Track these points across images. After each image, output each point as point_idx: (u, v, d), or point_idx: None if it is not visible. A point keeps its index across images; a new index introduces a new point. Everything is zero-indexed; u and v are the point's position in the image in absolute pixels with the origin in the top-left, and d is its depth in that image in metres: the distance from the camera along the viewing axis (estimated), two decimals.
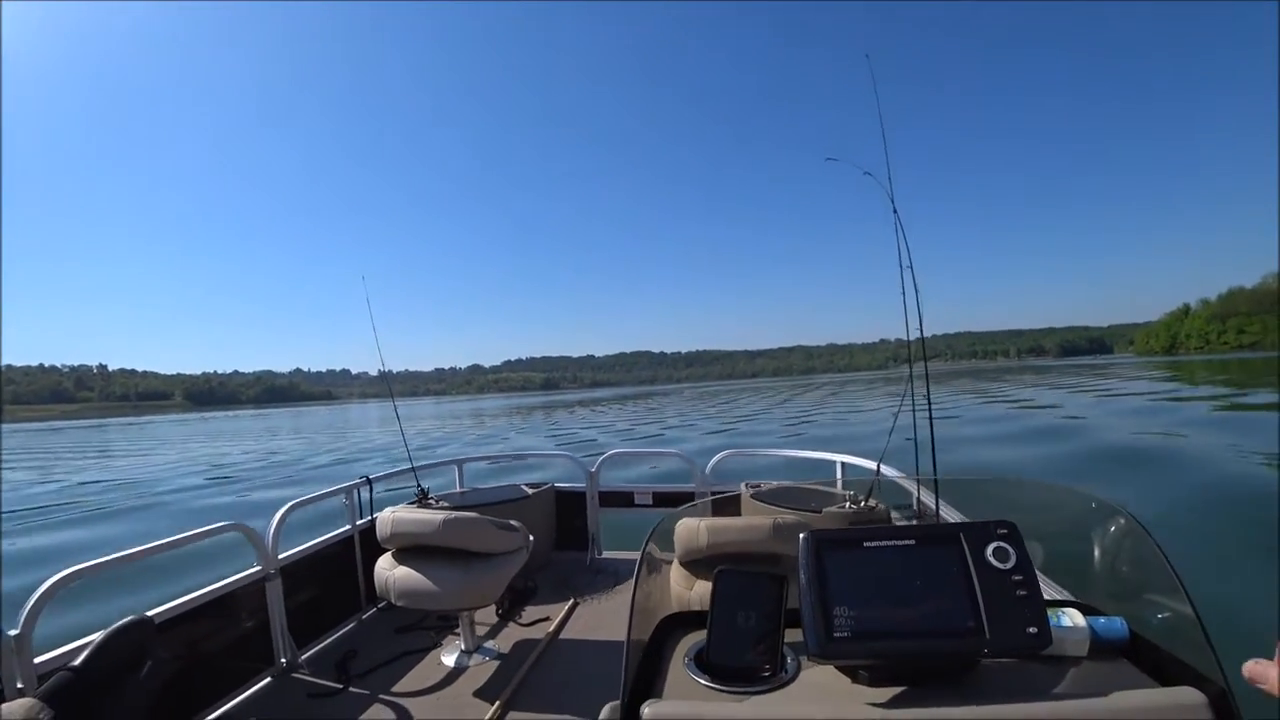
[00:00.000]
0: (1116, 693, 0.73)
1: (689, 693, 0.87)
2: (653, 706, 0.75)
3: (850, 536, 0.85)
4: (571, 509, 4.12)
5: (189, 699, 2.25)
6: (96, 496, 13.76)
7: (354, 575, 3.23)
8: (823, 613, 0.79)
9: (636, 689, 0.87)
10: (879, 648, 0.79)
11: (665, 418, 29.76)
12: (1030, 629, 0.77)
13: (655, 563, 1.44)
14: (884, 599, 0.80)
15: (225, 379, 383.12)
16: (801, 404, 34.83)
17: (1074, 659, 0.89)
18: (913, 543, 0.83)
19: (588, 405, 54.55)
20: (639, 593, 0.97)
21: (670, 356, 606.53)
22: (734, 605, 0.95)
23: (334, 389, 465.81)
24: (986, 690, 0.80)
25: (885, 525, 1.09)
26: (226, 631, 2.44)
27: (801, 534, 0.86)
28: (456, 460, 4.25)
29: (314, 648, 2.85)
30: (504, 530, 2.65)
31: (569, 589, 3.50)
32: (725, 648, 0.92)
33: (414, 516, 2.58)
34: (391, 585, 2.54)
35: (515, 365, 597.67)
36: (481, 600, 2.64)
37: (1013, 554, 0.82)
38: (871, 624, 0.79)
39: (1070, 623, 0.91)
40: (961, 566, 0.81)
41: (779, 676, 0.88)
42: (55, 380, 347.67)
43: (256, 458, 21.45)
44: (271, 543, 2.63)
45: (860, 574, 0.82)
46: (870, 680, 0.83)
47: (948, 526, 0.85)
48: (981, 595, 0.79)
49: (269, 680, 2.56)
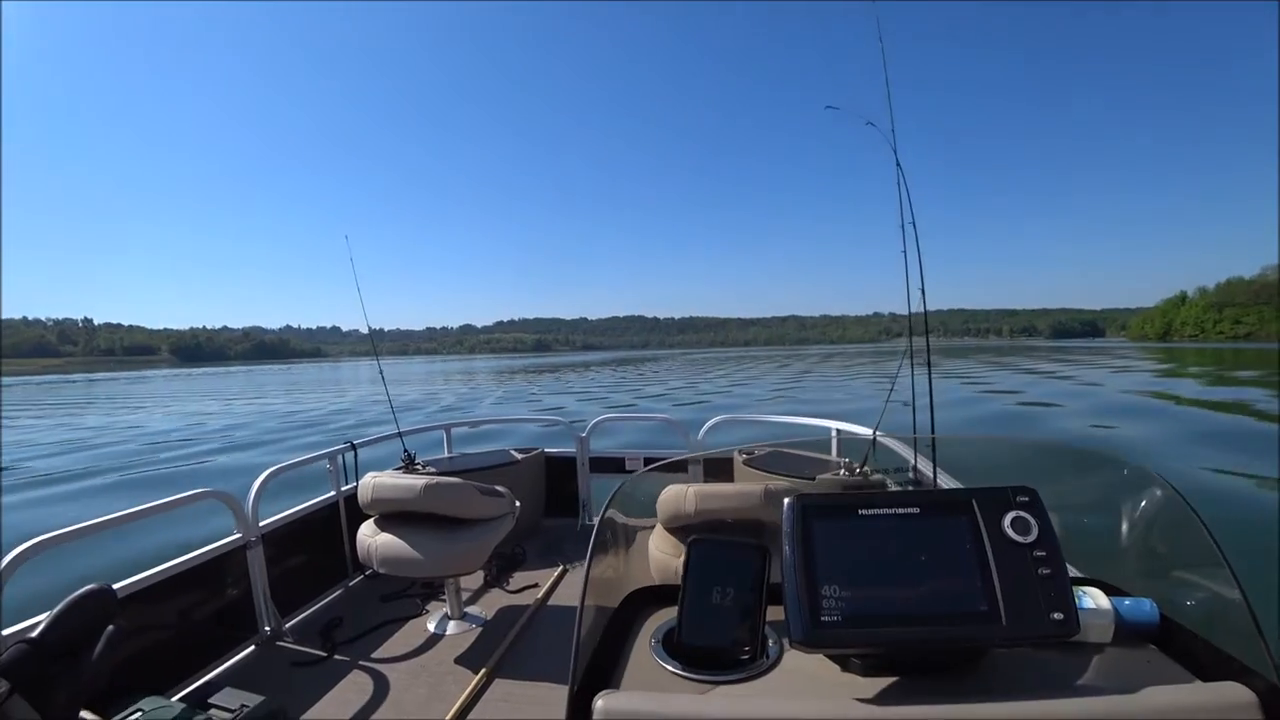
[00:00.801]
0: (1150, 687, 0.62)
1: (653, 680, 0.77)
2: (606, 698, 0.64)
3: (843, 503, 0.73)
4: (562, 475, 4.07)
5: (171, 667, 2.21)
6: (48, 460, 12.57)
7: (339, 542, 3.18)
8: (808, 593, 0.67)
9: (596, 672, 0.78)
10: (874, 635, 0.67)
11: (665, 387, 29.29)
12: (1055, 614, 0.65)
13: (630, 530, 1.33)
14: (881, 577, 0.69)
15: (213, 334, 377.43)
16: (796, 373, 34.69)
17: (1096, 646, 0.79)
18: (916, 511, 0.71)
19: (577, 370, 53.96)
20: (600, 563, 0.85)
21: (663, 322, 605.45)
22: (709, 579, 0.85)
23: (324, 346, 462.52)
24: (996, 682, 0.71)
25: (884, 491, 0.94)
26: (208, 600, 2.39)
27: (785, 499, 0.74)
28: (444, 425, 4.17)
29: (298, 616, 2.82)
30: (489, 495, 2.59)
31: (558, 556, 3.48)
32: (698, 628, 0.82)
33: (396, 481, 2.52)
34: (374, 552, 2.49)
35: (508, 326, 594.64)
36: (466, 567, 2.59)
37: (1034, 525, 0.70)
38: (866, 607, 0.67)
39: (1093, 604, 0.80)
40: (974, 540, 0.70)
41: (758, 662, 0.79)
42: (38, 334, 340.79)
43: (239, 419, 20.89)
44: (251, 510, 2.57)
45: (854, 547, 0.70)
46: (863, 669, 0.73)
47: (958, 492, 0.74)
48: (997, 574, 0.67)
49: (252, 649, 2.53)
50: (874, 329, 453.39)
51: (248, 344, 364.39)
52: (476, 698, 2.16)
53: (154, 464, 11.86)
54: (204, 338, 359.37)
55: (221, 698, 1.89)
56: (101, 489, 9.65)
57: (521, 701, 2.15)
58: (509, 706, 2.12)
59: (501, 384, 34.05)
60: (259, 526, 2.61)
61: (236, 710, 1.84)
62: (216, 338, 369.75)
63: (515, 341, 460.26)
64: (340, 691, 2.23)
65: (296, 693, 2.21)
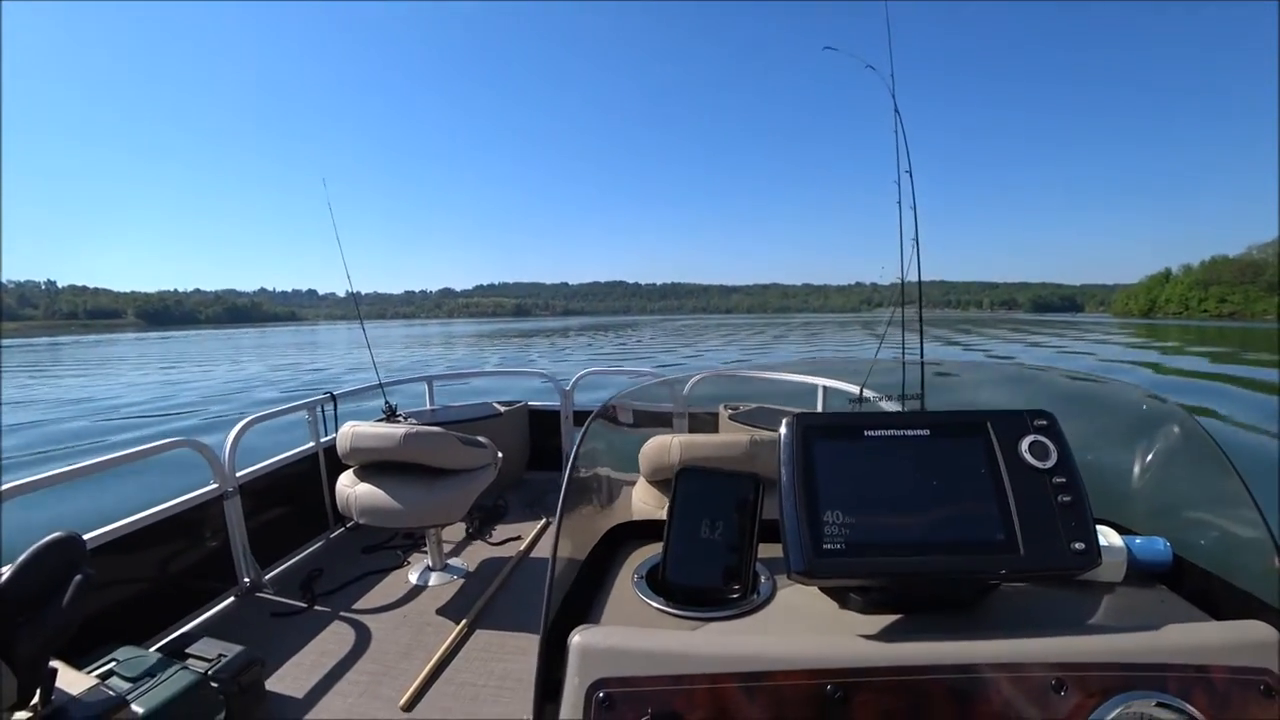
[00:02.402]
0: (1168, 625, 0.58)
1: (636, 617, 0.73)
2: (583, 633, 0.59)
3: (847, 423, 0.66)
4: (546, 428, 4.06)
5: (147, 618, 2.18)
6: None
7: (319, 494, 3.14)
8: (809, 520, 0.61)
9: (573, 613, 0.73)
10: (881, 565, 0.60)
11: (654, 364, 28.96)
12: (1076, 544, 0.60)
13: (613, 483, 1.28)
14: (889, 503, 0.63)
15: (183, 297, 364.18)
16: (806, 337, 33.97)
17: (1107, 585, 0.76)
18: (927, 433, 0.65)
19: (552, 335, 52.22)
20: (580, 514, 0.81)
21: (645, 288, 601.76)
22: (698, 511, 0.79)
23: (299, 310, 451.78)
24: (1003, 620, 0.67)
25: (891, 411, 0.89)
26: (184, 551, 2.35)
27: (784, 419, 0.67)
28: (425, 377, 4.11)
29: (278, 567, 2.80)
30: (470, 446, 2.56)
31: (541, 508, 3.48)
32: (684, 563, 0.77)
33: (375, 431, 2.47)
34: (353, 502, 2.45)
35: (487, 290, 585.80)
36: (447, 518, 2.58)
37: (1053, 450, 0.64)
38: (872, 534, 0.61)
39: (1105, 541, 0.75)
40: (989, 464, 0.64)
41: (749, 600, 0.74)
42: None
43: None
44: (228, 459, 2.51)
45: (859, 471, 0.64)
46: (863, 606, 0.68)
47: (972, 414, 0.67)
48: (1014, 501, 0.62)
49: (232, 600, 2.51)
50: (855, 298, 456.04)
51: (219, 307, 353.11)
52: (457, 648, 2.17)
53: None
54: (172, 301, 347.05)
55: (199, 648, 1.87)
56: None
57: (502, 651, 2.16)
58: (490, 656, 2.13)
59: (498, 349, 33.27)
60: (236, 477, 2.56)
61: (214, 660, 1.82)
62: (186, 301, 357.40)
63: (495, 306, 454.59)
64: (320, 642, 2.22)
65: (276, 643, 2.20)
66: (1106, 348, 26.06)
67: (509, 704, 1.90)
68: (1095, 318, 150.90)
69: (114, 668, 1.64)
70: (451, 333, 68.00)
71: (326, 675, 2.04)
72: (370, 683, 2.00)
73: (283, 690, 1.96)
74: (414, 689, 1.93)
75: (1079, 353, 23.89)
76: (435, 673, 2.03)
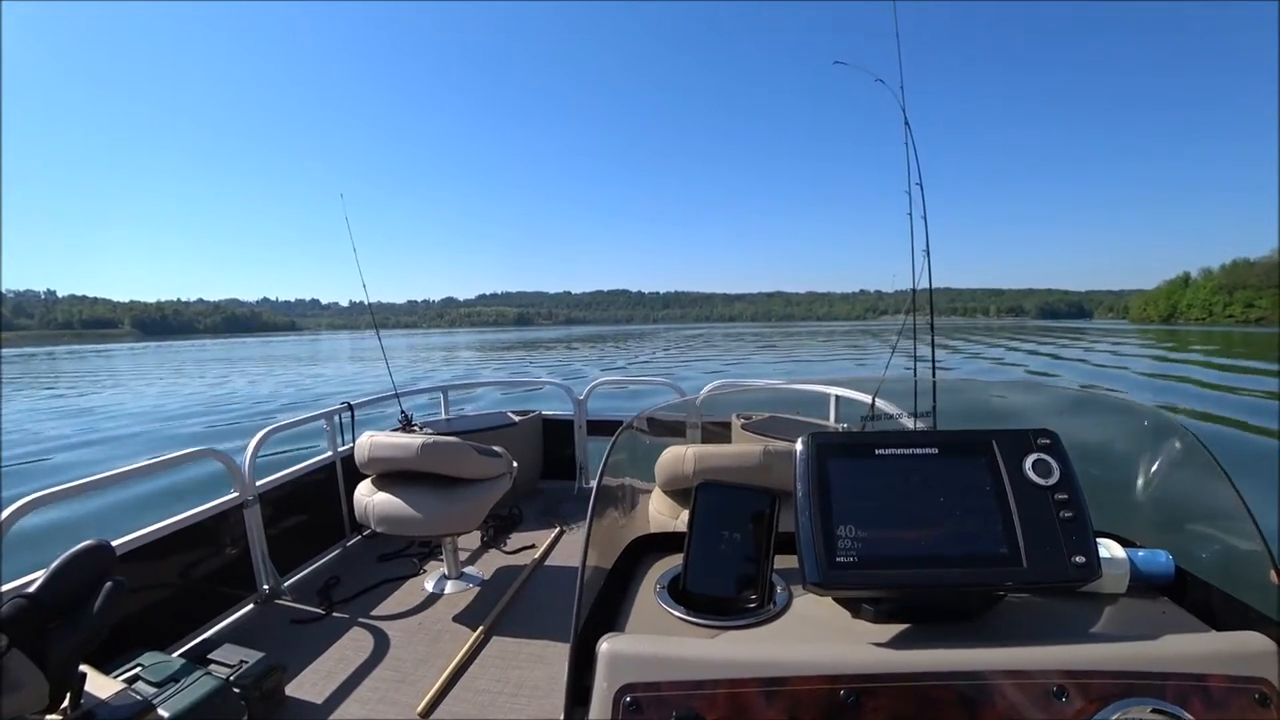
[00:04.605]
0: (1168, 635, 0.61)
1: (658, 625, 0.76)
2: (611, 640, 0.62)
3: (859, 441, 0.70)
4: (560, 437, 4.08)
5: (170, 624, 2.21)
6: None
7: (336, 502, 3.17)
8: (824, 533, 0.65)
9: (599, 620, 0.76)
10: (892, 577, 0.64)
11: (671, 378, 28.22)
12: (1077, 558, 0.64)
13: (629, 492, 1.31)
14: (899, 518, 0.66)
15: (181, 307, 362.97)
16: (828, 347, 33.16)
17: (1110, 597, 0.78)
18: (935, 452, 0.69)
19: (556, 346, 51.25)
20: (600, 522, 0.83)
21: (648, 296, 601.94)
22: (717, 524, 0.83)
23: (300, 319, 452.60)
24: (1009, 630, 0.69)
25: (900, 431, 0.91)
26: (206, 558, 2.39)
27: (800, 438, 0.71)
28: (441, 387, 4.15)
29: (296, 575, 2.82)
30: (486, 456, 2.58)
31: (555, 517, 3.49)
32: (704, 574, 0.80)
33: (393, 440, 2.50)
34: (371, 511, 2.48)
35: (490, 299, 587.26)
36: (463, 526, 2.60)
37: (1056, 468, 0.68)
38: (883, 548, 0.65)
39: (1107, 554, 0.78)
40: (994, 481, 0.67)
41: (766, 609, 0.77)
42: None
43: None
44: (248, 469, 2.55)
45: (870, 488, 0.68)
46: (875, 616, 0.72)
47: (978, 433, 0.71)
48: (1018, 516, 0.65)
49: (251, 607, 2.54)
50: (860, 306, 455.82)
51: (218, 317, 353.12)
52: (474, 655, 2.18)
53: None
54: (170, 310, 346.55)
55: (221, 654, 1.90)
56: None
57: (519, 659, 2.17)
58: (506, 663, 2.14)
59: (505, 363, 33.05)
60: (256, 486, 2.59)
61: (235, 666, 1.85)
62: (185, 310, 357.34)
63: (497, 315, 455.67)
64: (338, 649, 2.24)
65: (295, 650, 2.22)
66: (1139, 361, 23.69)
67: (526, 711, 1.91)
68: (1110, 324, 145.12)
69: (139, 672, 1.67)
70: (454, 343, 67.60)
71: (345, 682, 2.05)
72: (388, 689, 2.01)
73: (302, 696, 1.98)
74: (431, 696, 1.95)
75: (1116, 368, 21.37)
76: (452, 680, 2.05)
